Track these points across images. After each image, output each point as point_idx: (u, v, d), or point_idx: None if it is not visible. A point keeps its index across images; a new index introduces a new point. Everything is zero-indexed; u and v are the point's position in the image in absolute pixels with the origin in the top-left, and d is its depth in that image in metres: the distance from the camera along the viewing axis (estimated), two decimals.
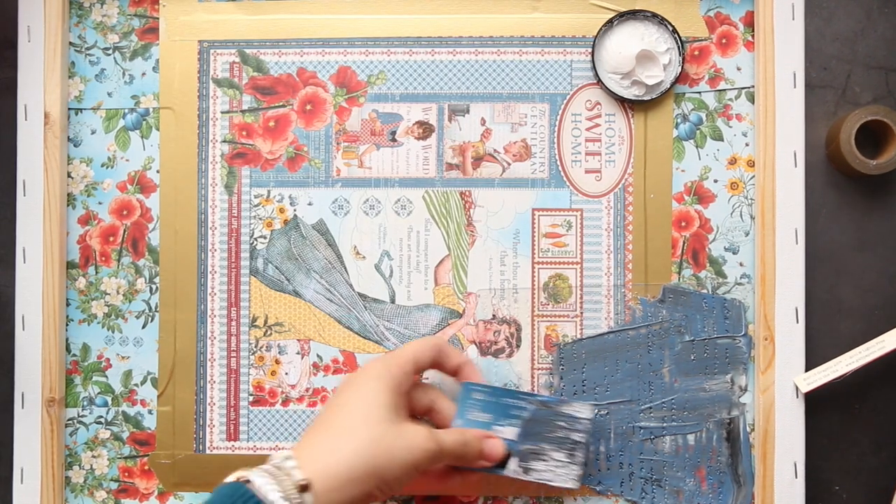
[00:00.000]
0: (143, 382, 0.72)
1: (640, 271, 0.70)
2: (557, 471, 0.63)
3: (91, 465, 0.71)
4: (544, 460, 0.64)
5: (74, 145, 0.72)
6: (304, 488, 0.52)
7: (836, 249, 0.70)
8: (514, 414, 0.64)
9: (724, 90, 0.71)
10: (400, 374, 0.60)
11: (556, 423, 0.64)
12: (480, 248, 0.71)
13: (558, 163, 0.71)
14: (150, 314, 0.72)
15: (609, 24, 0.70)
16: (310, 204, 0.72)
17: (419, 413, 0.64)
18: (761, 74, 0.69)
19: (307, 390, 0.71)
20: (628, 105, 0.71)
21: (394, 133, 0.72)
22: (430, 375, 0.70)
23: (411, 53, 0.72)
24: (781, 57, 0.69)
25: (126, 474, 0.71)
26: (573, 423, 0.64)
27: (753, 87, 0.70)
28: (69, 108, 0.72)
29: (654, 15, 0.69)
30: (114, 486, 0.71)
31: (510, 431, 0.63)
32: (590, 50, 0.70)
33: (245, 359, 0.71)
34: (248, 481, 0.52)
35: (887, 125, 0.67)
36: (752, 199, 0.70)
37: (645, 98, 0.70)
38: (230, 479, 0.53)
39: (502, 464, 0.63)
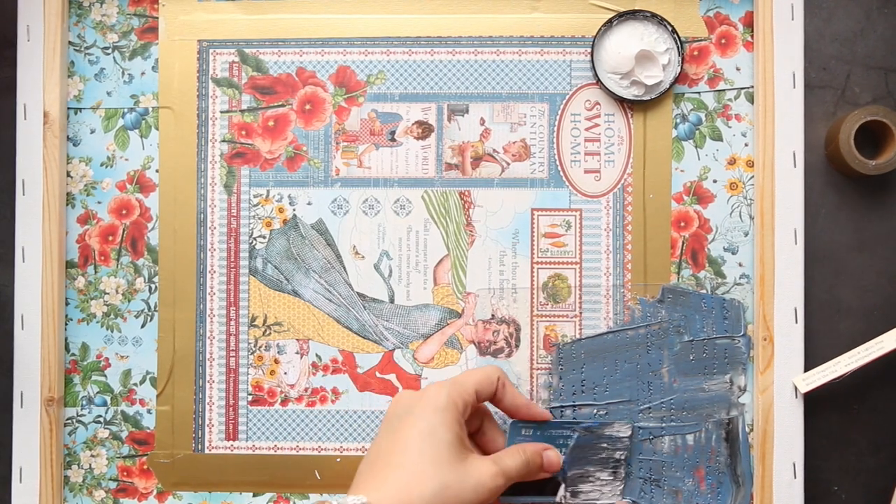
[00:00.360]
0: (142, 382, 0.72)
1: (640, 271, 0.70)
2: (603, 489, 0.66)
3: (90, 465, 0.71)
4: (591, 482, 0.66)
5: (74, 145, 0.72)
6: None
7: (835, 250, 0.70)
8: (561, 443, 0.65)
9: (724, 90, 0.71)
10: (463, 405, 0.58)
11: (600, 446, 0.66)
12: (479, 248, 0.71)
13: (557, 163, 0.71)
14: (150, 314, 0.72)
15: (608, 24, 0.70)
16: (309, 203, 0.72)
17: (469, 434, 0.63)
18: (760, 75, 0.69)
19: (306, 390, 0.71)
20: (628, 105, 0.71)
21: (393, 133, 0.72)
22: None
23: (411, 53, 0.72)
24: (781, 57, 0.69)
25: (125, 474, 0.71)
26: (615, 443, 0.66)
27: (753, 87, 0.70)
28: (68, 108, 0.72)
29: (654, 15, 0.69)
30: (113, 485, 0.71)
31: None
32: (589, 50, 0.70)
33: (244, 358, 0.71)
34: None
35: (887, 125, 0.67)
36: (751, 199, 0.70)
37: (644, 98, 0.70)
38: None
39: (553, 491, 0.64)
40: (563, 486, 0.64)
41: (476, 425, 0.64)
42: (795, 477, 0.68)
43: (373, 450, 0.58)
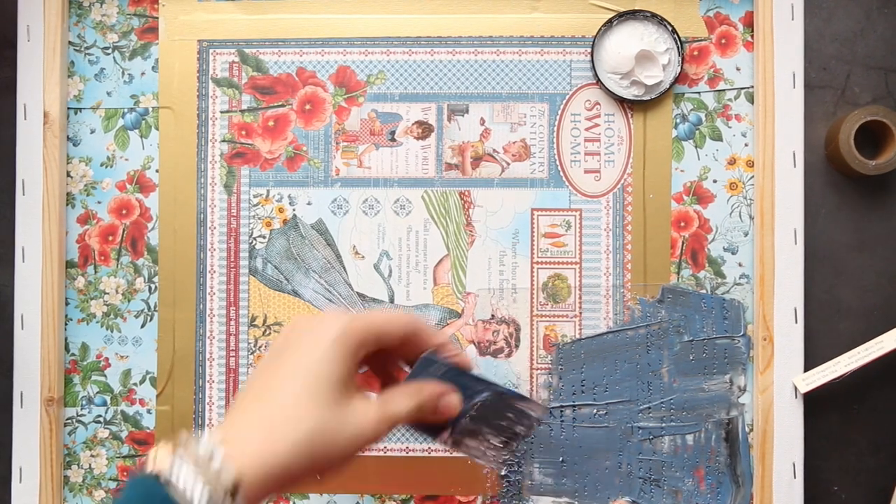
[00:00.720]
0: (141, 382, 0.72)
1: (639, 271, 0.70)
2: (488, 452, 0.60)
3: (90, 465, 0.71)
4: (479, 440, 0.60)
5: (74, 144, 0.72)
6: (233, 492, 0.44)
7: (834, 250, 0.70)
8: (468, 395, 0.57)
9: (724, 90, 0.71)
10: (357, 343, 0.49)
11: (506, 415, 0.59)
12: (479, 248, 0.71)
13: (557, 163, 0.71)
14: (149, 313, 0.72)
15: (608, 24, 0.70)
16: (309, 203, 0.72)
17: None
18: (760, 75, 0.69)
19: None
20: (627, 105, 0.71)
21: (393, 133, 0.72)
22: None
23: (410, 53, 0.72)
24: (781, 57, 0.69)
25: (125, 473, 0.71)
26: (521, 418, 0.59)
27: (753, 87, 0.70)
28: (68, 108, 0.72)
29: (654, 15, 0.69)
30: (112, 485, 0.71)
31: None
32: (589, 50, 0.70)
33: (244, 358, 0.71)
34: (167, 481, 0.44)
35: (886, 126, 0.67)
36: (751, 199, 0.70)
37: (644, 98, 0.70)
38: (147, 467, 0.45)
39: (434, 433, 0.57)
40: (448, 430, 0.56)
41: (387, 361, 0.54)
42: (795, 477, 0.68)
43: (249, 380, 0.51)
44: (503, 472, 0.63)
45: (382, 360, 0.53)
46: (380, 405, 0.50)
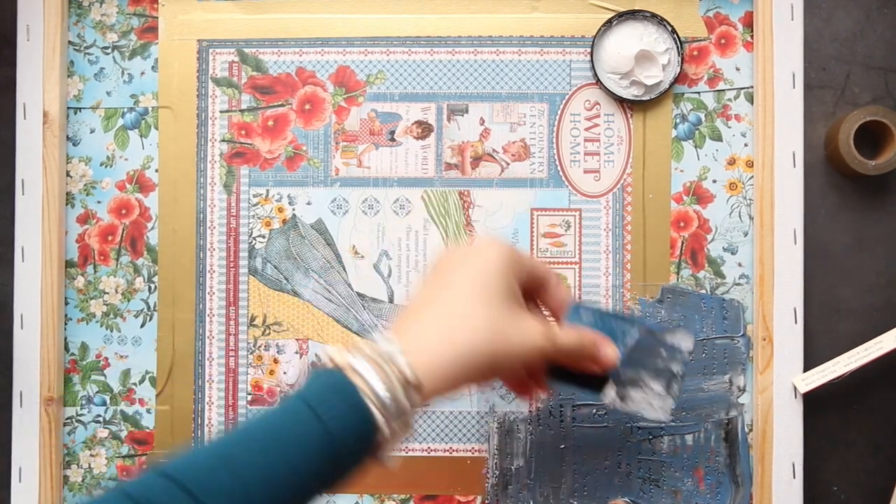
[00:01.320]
0: (141, 381, 0.72)
1: (639, 271, 0.70)
2: (654, 402, 0.58)
3: (89, 464, 0.71)
4: (642, 390, 0.59)
5: (73, 144, 0.72)
6: (415, 387, 0.45)
7: (834, 250, 0.70)
8: (619, 339, 0.58)
9: (723, 90, 0.71)
10: (520, 266, 0.51)
11: (659, 353, 0.59)
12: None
13: (557, 163, 0.71)
14: (149, 313, 0.72)
15: (608, 24, 0.70)
16: (308, 203, 0.72)
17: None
18: (760, 75, 0.69)
19: None
20: (627, 105, 0.71)
21: (393, 133, 0.72)
22: None
23: (410, 53, 0.72)
24: (780, 57, 0.69)
25: (124, 473, 0.71)
26: (673, 353, 0.59)
27: (752, 87, 0.70)
28: (68, 107, 0.72)
29: (654, 15, 0.69)
30: (112, 484, 0.71)
31: None
32: (589, 50, 0.70)
33: (243, 358, 0.71)
34: (353, 370, 0.45)
35: (886, 126, 0.67)
36: (750, 199, 0.70)
37: (644, 98, 0.70)
38: (328, 360, 0.46)
39: (599, 387, 0.58)
40: (613, 386, 0.57)
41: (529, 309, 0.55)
42: (795, 477, 0.68)
43: (417, 292, 0.52)
44: (670, 420, 0.61)
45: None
46: (546, 325, 0.51)
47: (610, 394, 0.57)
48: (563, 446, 0.69)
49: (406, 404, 0.45)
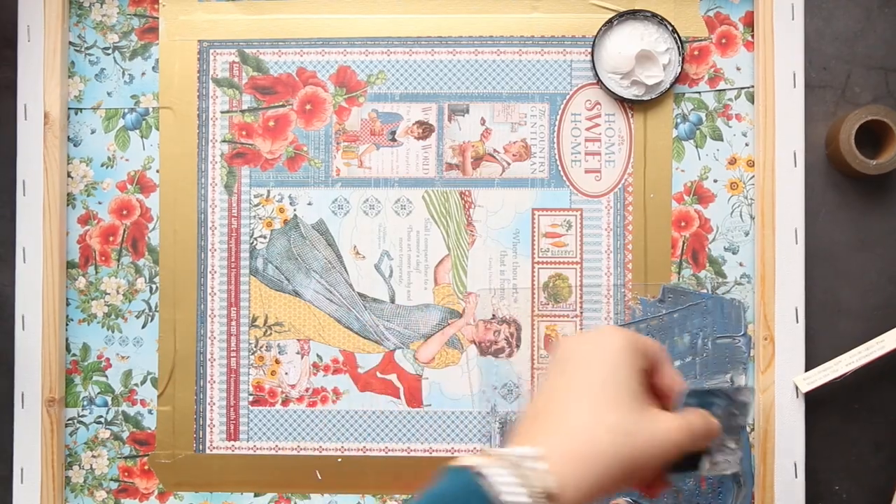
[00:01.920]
0: (142, 382, 0.72)
1: (640, 271, 0.70)
2: (731, 458, 0.58)
3: (91, 465, 0.71)
4: (724, 451, 0.59)
5: (74, 145, 0.72)
6: (554, 498, 0.42)
7: (835, 249, 0.70)
8: (712, 410, 0.57)
9: (724, 90, 0.71)
10: (642, 354, 0.48)
11: (733, 413, 0.58)
12: (480, 248, 0.71)
13: (558, 163, 0.71)
14: (150, 314, 0.72)
15: (609, 24, 0.70)
16: (309, 204, 0.72)
17: None
18: (761, 74, 0.69)
19: (307, 390, 0.71)
20: (628, 105, 0.71)
21: (393, 133, 0.72)
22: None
23: (411, 53, 0.72)
24: (781, 57, 0.69)
25: (126, 474, 0.71)
26: (742, 409, 0.59)
27: (753, 87, 0.70)
28: (69, 108, 0.72)
29: (654, 15, 0.69)
30: (114, 485, 0.71)
31: None
32: (589, 50, 0.70)
33: (245, 359, 0.71)
34: (483, 475, 0.42)
35: (887, 125, 0.67)
36: (751, 198, 0.70)
37: (645, 98, 0.70)
38: (461, 465, 0.43)
39: (693, 464, 0.56)
40: (706, 455, 0.56)
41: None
42: (797, 476, 0.68)
43: (539, 398, 0.48)
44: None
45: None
46: (677, 415, 0.48)
47: (705, 466, 0.56)
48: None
49: None
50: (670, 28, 0.69)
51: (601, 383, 0.46)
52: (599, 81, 0.70)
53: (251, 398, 0.71)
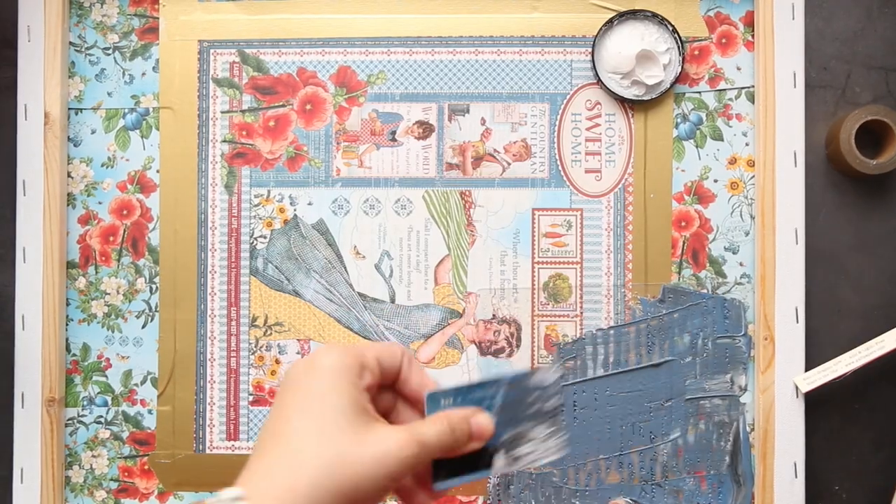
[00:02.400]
0: (142, 382, 0.72)
1: (640, 271, 0.70)
2: (544, 446, 0.57)
3: (91, 465, 0.71)
4: (529, 441, 0.58)
5: (74, 145, 0.72)
6: None
7: (835, 249, 0.70)
8: (487, 406, 0.54)
9: (724, 90, 0.71)
10: (359, 368, 0.47)
11: (529, 400, 0.55)
12: (480, 248, 0.71)
13: (558, 162, 0.71)
14: (150, 314, 0.72)
15: (609, 23, 0.70)
16: (310, 204, 0.72)
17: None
18: (761, 74, 0.69)
19: None
20: (628, 105, 0.71)
21: (394, 133, 0.72)
22: None
23: (411, 53, 0.72)
24: (781, 57, 0.69)
25: (126, 474, 0.71)
26: (545, 391, 0.55)
27: (753, 86, 0.70)
28: (69, 108, 0.72)
29: (654, 15, 0.69)
30: (114, 485, 0.71)
31: None
32: (590, 50, 0.70)
33: (245, 358, 0.71)
34: None
35: (887, 125, 0.67)
36: (752, 198, 0.70)
37: (645, 98, 0.70)
38: None
39: (488, 463, 0.53)
40: (500, 452, 0.54)
41: (387, 404, 0.51)
42: (797, 476, 0.68)
43: (262, 429, 0.47)
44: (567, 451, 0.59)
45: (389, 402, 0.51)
46: (406, 427, 0.46)
47: (499, 464, 0.53)
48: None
49: None
50: (671, 28, 0.69)
51: (308, 408, 0.45)
52: (600, 81, 0.70)
53: (251, 398, 0.71)
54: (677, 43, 0.69)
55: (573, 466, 0.69)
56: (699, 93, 0.71)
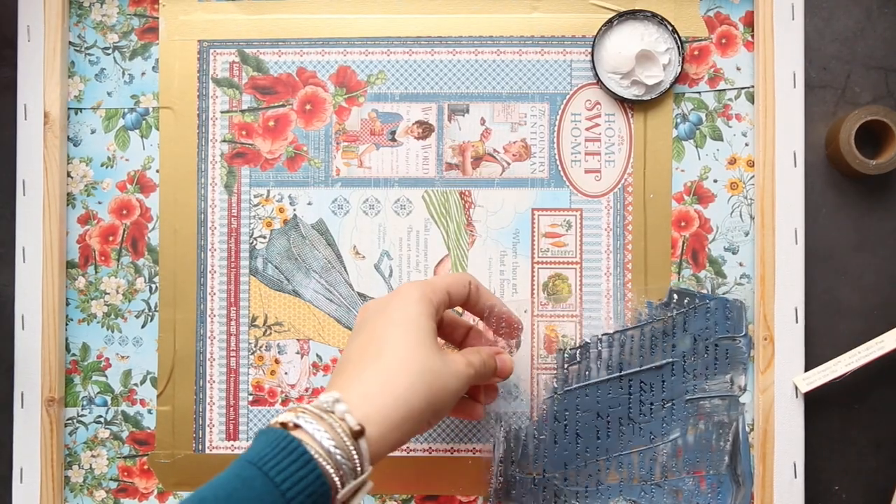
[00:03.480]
0: (142, 382, 0.72)
1: (640, 271, 0.70)
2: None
3: (90, 465, 0.71)
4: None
5: (74, 145, 0.72)
6: (358, 434, 0.46)
7: (835, 249, 0.70)
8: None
9: (724, 90, 0.71)
10: (437, 302, 0.56)
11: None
12: (480, 248, 0.71)
13: (558, 162, 0.71)
14: (150, 314, 0.72)
15: (609, 23, 0.70)
16: (309, 203, 0.72)
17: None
18: (761, 74, 0.69)
19: (307, 390, 0.71)
20: (628, 105, 0.71)
21: (393, 133, 0.72)
22: None
23: (411, 53, 0.72)
24: (781, 57, 0.69)
25: (125, 474, 0.71)
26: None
27: (753, 87, 0.70)
28: (69, 108, 0.72)
29: (654, 15, 0.69)
30: (113, 485, 0.71)
31: None
32: (589, 50, 0.70)
33: (244, 358, 0.71)
34: (295, 426, 0.45)
35: (887, 125, 0.67)
36: (751, 199, 0.70)
37: (645, 98, 0.70)
38: (274, 422, 0.47)
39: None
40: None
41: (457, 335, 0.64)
42: (796, 477, 0.68)
43: (347, 351, 0.54)
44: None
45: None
46: (461, 354, 0.57)
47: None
48: (566, 452, 0.69)
49: (355, 455, 0.46)
50: (670, 28, 0.69)
51: (399, 331, 0.52)
52: (599, 81, 0.70)
53: (251, 398, 0.71)
54: (677, 43, 0.69)
55: (574, 468, 0.69)
56: (699, 93, 0.71)
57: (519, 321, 0.66)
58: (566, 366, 0.69)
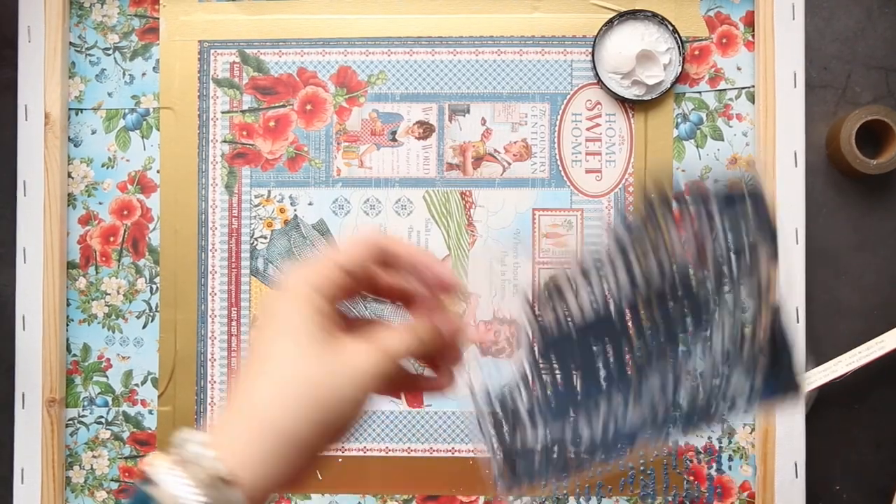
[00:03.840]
0: (143, 382, 0.72)
1: None
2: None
3: (91, 465, 0.71)
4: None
5: (75, 145, 0.72)
6: (229, 483, 0.39)
7: (836, 249, 0.70)
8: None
9: (725, 90, 0.71)
10: (327, 283, 0.45)
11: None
12: (481, 248, 0.71)
13: (559, 162, 0.71)
14: (151, 314, 0.72)
15: (609, 23, 0.70)
16: (310, 204, 0.72)
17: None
18: (761, 74, 0.69)
19: None
20: (629, 105, 0.71)
21: (394, 133, 0.72)
22: None
23: (412, 53, 0.72)
24: (781, 57, 0.69)
25: (126, 474, 0.71)
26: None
27: (753, 86, 0.70)
28: (69, 108, 0.72)
29: (655, 15, 0.69)
30: (114, 486, 0.71)
31: None
32: (590, 50, 0.70)
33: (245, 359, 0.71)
34: (152, 483, 0.39)
35: (887, 125, 0.67)
36: None
37: (645, 98, 0.70)
38: (142, 472, 0.39)
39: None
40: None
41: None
42: (797, 476, 0.68)
43: (241, 366, 0.48)
44: None
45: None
46: (370, 339, 0.45)
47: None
48: (569, 453, 0.69)
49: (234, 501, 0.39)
50: (671, 28, 0.69)
51: (275, 341, 0.43)
52: (600, 81, 0.70)
53: None
54: (677, 43, 0.69)
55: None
56: (699, 93, 0.71)
57: (455, 280, 0.48)
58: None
